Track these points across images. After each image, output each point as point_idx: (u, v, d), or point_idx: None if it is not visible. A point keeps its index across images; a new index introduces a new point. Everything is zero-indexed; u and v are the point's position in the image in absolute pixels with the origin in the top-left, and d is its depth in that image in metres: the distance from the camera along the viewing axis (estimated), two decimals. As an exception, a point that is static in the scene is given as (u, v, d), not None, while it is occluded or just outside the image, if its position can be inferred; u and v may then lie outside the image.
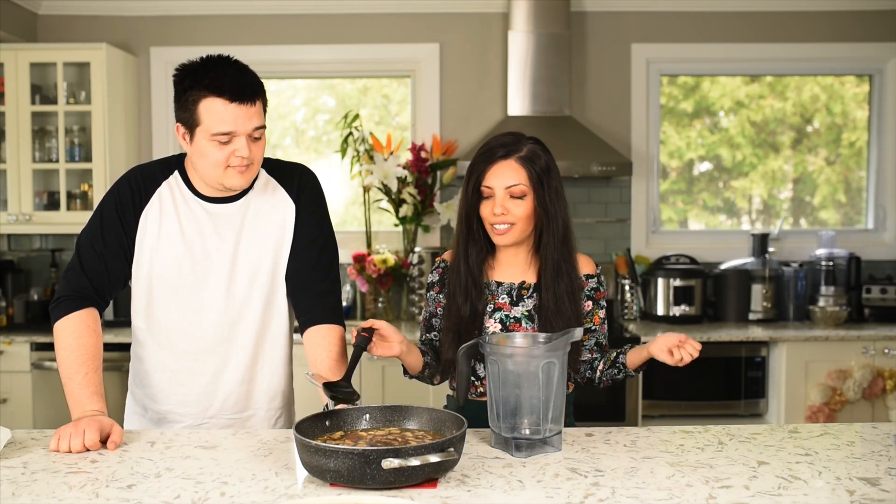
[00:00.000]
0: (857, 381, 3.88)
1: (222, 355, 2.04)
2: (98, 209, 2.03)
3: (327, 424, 1.73)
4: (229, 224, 2.02)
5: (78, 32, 4.44)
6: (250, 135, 1.89)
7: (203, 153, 1.90)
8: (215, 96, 1.85)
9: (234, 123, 1.86)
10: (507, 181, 1.97)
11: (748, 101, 4.66)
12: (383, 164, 4.25)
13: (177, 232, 2.00)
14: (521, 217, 1.98)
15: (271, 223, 2.05)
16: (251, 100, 1.88)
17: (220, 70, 1.88)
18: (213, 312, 2.02)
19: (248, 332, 2.04)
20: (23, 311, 4.28)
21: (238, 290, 2.02)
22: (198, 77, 1.88)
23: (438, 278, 2.13)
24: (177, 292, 2.01)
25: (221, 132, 1.86)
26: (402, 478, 1.50)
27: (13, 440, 1.86)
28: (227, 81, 1.86)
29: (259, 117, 1.90)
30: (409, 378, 2.10)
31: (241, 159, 1.89)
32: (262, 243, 2.04)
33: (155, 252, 2.00)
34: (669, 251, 4.47)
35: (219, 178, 1.93)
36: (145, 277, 2.02)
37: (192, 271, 2.00)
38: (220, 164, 1.90)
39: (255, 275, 2.03)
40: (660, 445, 1.81)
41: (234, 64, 1.92)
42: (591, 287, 2.09)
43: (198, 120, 1.87)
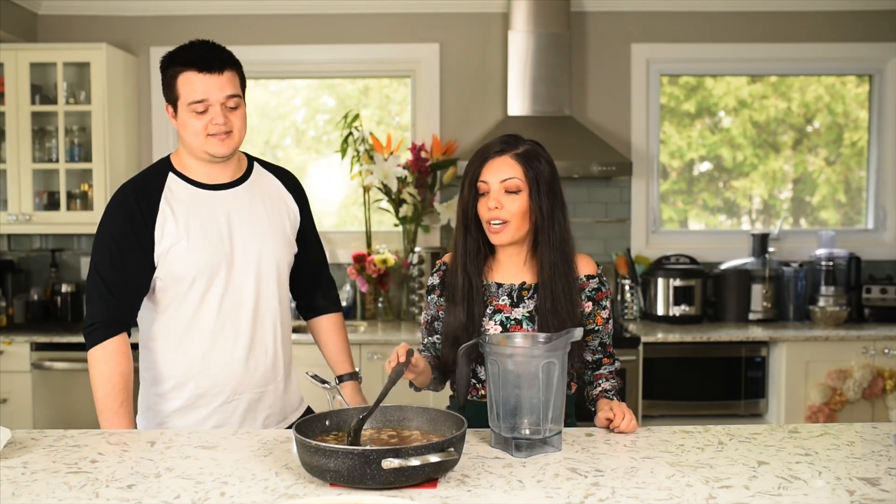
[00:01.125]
0: (857, 381, 3.88)
1: (250, 334, 2.14)
2: (105, 233, 2.08)
3: (327, 424, 1.73)
4: (241, 206, 2.14)
5: (78, 32, 4.44)
6: (224, 103, 2.05)
7: (185, 124, 2.06)
8: (187, 69, 2.03)
9: (206, 92, 2.03)
10: (501, 175, 1.98)
11: (751, 100, 4.66)
12: (383, 164, 4.25)
13: (195, 225, 2.08)
14: (516, 213, 1.98)
15: (279, 207, 2.22)
16: (220, 69, 2.04)
17: (193, 48, 2.07)
18: (246, 292, 2.13)
19: (269, 307, 2.17)
20: (23, 311, 4.28)
21: (263, 266, 2.15)
22: (175, 56, 2.07)
23: (439, 281, 2.13)
24: (212, 279, 2.09)
25: (195, 100, 2.03)
26: (402, 478, 1.50)
27: (13, 440, 1.86)
28: (198, 55, 2.04)
29: (231, 86, 2.05)
30: (416, 391, 2.11)
31: (218, 126, 2.04)
32: (276, 224, 2.19)
33: (180, 250, 2.06)
34: (669, 251, 4.47)
35: (202, 147, 2.07)
36: (177, 277, 2.07)
37: (220, 257, 2.09)
38: (200, 133, 2.05)
39: (273, 252, 2.17)
40: (660, 445, 1.81)
41: (207, 43, 2.10)
42: (592, 288, 2.08)
43: (177, 94, 2.06)
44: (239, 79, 2.10)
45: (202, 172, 2.13)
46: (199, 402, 2.12)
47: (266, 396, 2.19)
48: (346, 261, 4.44)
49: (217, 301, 2.10)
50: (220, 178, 2.15)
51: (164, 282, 2.09)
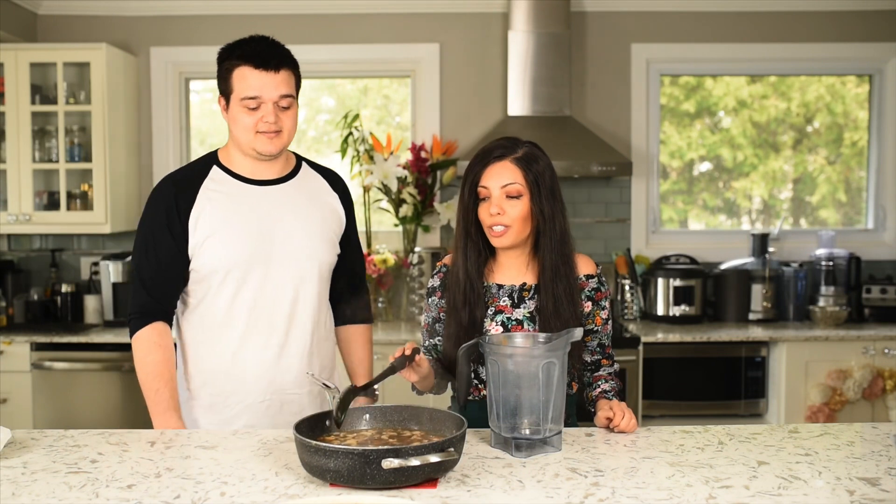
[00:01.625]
0: (857, 381, 3.88)
1: (285, 331, 2.13)
2: (142, 224, 2.12)
3: (327, 424, 1.73)
4: (283, 204, 2.13)
5: (78, 32, 4.44)
6: (276, 102, 2.05)
7: (235, 119, 2.07)
8: (244, 64, 2.03)
9: (260, 89, 2.03)
10: (502, 181, 1.98)
11: (751, 101, 4.66)
12: (383, 164, 4.25)
13: (234, 219, 2.08)
14: (517, 218, 1.98)
15: (323, 208, 2.21)
16: (276, 68, 2.04)
17: (253, 43, 2.07)
18: (282, 288, 2.11)
19: (307, 305, 2.15)
20: (23, 311, 4.28)
21: (303, 264, 2.13)
22: (233, 50, 2.07)
23: (440, 283, 2.13)
24: (248, 274, 2.08)
25: (248, 97, 2.03)
26: (402, 478, 1.50)
27: (13, 440, 1.86)
28: (258, 51, 2.04)
29: (286, 86, 2.06)
30: (419, 395, 2.11)
31: (268, 125, 2.05)
32: (317, 224, 2.18)
33: (216, 242, 2.07)
34: (669, 251, 4.47)
35: (250, 143, 2.07)
36: (211, 269, 2.08)
37: (257, 253, 2.08)
38: (250, 129, 2.05)
39: (314, 251, 2.15)
40: (660, 445, 1.81)
41: (267, 39, 2.09)
42: (592, 288, 2.09)
43: (231, 87, 2.06)
44: (295, 79, 2.10)
45: (248, 167, 2.13)
46: (229, 400, 2.11)
47: (300, 400, 2.16)
48: (346, 261, 4.44)
49: (251, 297, 2.09)
50: (265, 174, 2.15)
51: (198, 274, 2.09)
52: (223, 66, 2.08)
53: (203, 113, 4.73)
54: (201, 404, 2.14)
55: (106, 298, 4.18)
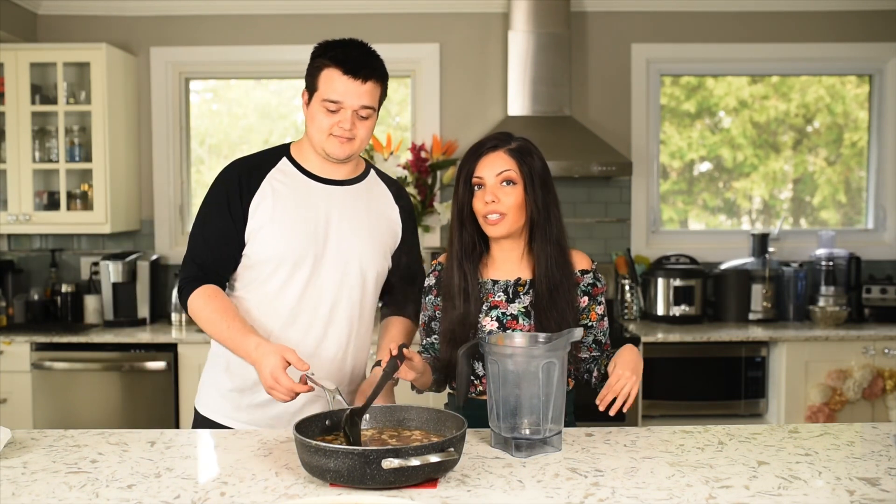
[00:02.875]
0: (857, 381, 3.88)
1: (323, 330, 2.12)
2: (206, 200, 2.13)
3: (327, 424, 1.72)
4: (344, 204, 2.13)
5: (78, 32, 4.44)
6: (356, 111, 2.04)
7: (313, 117, 2.07)
8: (334, 67, 2.03)
9: (344, 94, 2.02)
10: (496, 169, 2.01)
11: (752, 101, 4.66)
12: (383, 164, 4.25)
13: (293, 211, 2.08)
14: (512, 206, 2.00)
15: (382, 215, 2.21)
16: (364, 78, 2.03)
17: (348, 47, 2.07)
18: (327, 288, 2.11)
19: (348, 309, 2.14)
20: (23, 311, 4.28)
21: (350, 268, 2.12)
22: (328, 49, 2.07)
23: (435, 281, 2.14)
24: (297, 268, 2.08)
25: (330, 99, 2.03)
26: (402, 478, 1.50)
27: (13, 440, 1.86)
28: (350, 57, 2.04)
29: (370, 97, 2.05)
30: (418, 393, 2.11)
31: (343, 130, 2.05)
32: (375, 230, 2.17)
33: (274, 231, 2.07)
34: (669, 251, 4.47)
35: (321, 144, 2.08)
36: (261, 258, 2.08)
37: (309, 249, 2.08)
38: (325, 131, 2.06)
39: (364, 258, 2.14)
40: (660, 445, 1.81)
41: (363, 46, 2.09)
42: (587, 283, 2.09)
43: (317, 85, 2.06)
44: (381, 91, 2.09)
45: (317, 165, 2.14)
46: (257, 387, 2.09)
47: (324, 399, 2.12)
48: (346, 261, 4.44)
49: (298, 292, 2.09)
50: (333, 175, 2.15)
51: (249, 259, 2.09)
52: (314, 63, 2.08)
53: (203, 113, 4.73)
54: (229, 386, 2.14)
55: (106, 298, 4.18)
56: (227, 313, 2.03)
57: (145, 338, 3.91)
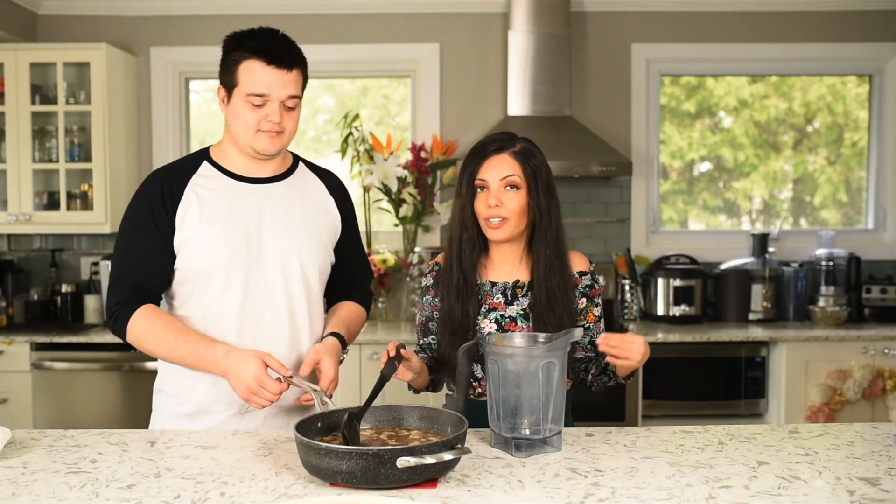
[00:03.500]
0: (857, 381, 3.88)
1: (272, 335, 2.03)
2: (127, 218, 2.02)
3: (319, 426, 1.70)
4: (275, 203, 2.04)
5: (78, 32, 4.44)
6: (283, 102, 1.95)
7: (237, 114, 1.97)
8: (255, 58, 1.93)
9: (269, 87, 1.93)
10: (501, 173, 1.99)
11: (752, 100, 4.66)
12: (383, 164, 4.25)
13: (221, 217, 1.99)
14: (515, 211, 1.99)
15: (317, 209, 2.11)
16: (289, 66, 1.95)
17: (265, 36, 1.98)
18: (270, 292, 2.02)
19: (295, 310, 2.05)
20: (23, 311, 4.28)
21: (291, 268, 2.04)
22: (244, 40, 1.97)
23: (433, 282, 2.13)
24: (233, 274, 1.98)
25: (255, 93, 1.93)
26: (414, 476, 1.50)
27: (13, 440, 1.86)
28: (270, 46, 1.95)
29: (294, 86, 1.97)
30: (415, 393, 2.11)
31: (272, 124, 1.96)
32: (311, 225, 2.08)
33: (202, 240, 1.98)
34: (669, 251, 4.47)
35: (249, 141, 1.98)
36: (195, 269, 1.99)
37: (243, 253, 1.99)
38: (252, 127, 1.96)
39: (304, 255, 2.05)
40: (660, 445, 1.81)
41: (279, 34, 2.01)
42: (585, 284, 2.09)
43: (236, 80, 1.95)
44: (303, 79, 2.01)
45: (241, 164, 2.04)
46: (212, 407, 2.01)
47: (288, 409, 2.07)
48: (346, 261, 4.44)
49: (238, 300, 1.99)
50: (259, 172, 2.05)
51: (182, 273, 2.00)
52: (230, 57, 1.97)
53: (203, 113, 4.73)
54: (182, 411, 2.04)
55: (106, 298, 4.17)
56: (180, 328, 1.95)
57: (145, 338, 3.90)
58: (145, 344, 1.98)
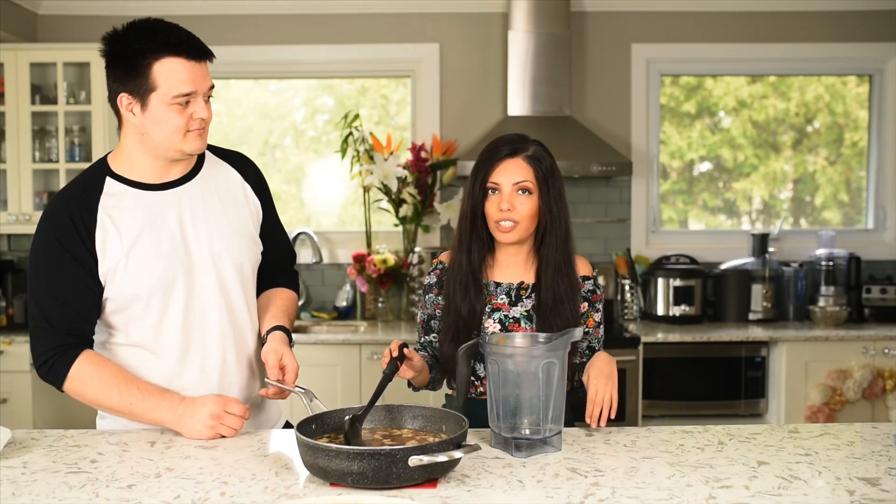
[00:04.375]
0: (857, 381, 3.88)
1: (221, 345, 1.94)
2: (39, 256, 1.84)
3: (314, 428, 1.68)
4: (193, 205, 1.91)
5: (78, 32, 4.44)
6: (205, 94, 1.83)
7: (160, 120, 1.80)
8: (172, 56, 1.77)
9: (194, 83, 1.79)
10: (514, 178, 2.00)
11: (751, 100, 4.66)
12: (383, 164, 4.25)
13: (142, 235, 1.85)
14: (526, 215, 2.00)
15: (237, 200, 1.98)
16: (207, 56, 1.82)
17: (168, 30, 1.80)
18: (209, 300, 1.91)
19: (237, 312, 1.96)
20: (23, 312, 4.28)
21: (225, 269, 1.92)
22: (146, 39, 1.78)
23: (436, 280, 2.13)
24: (165, 294, 1.87)
25: (182, 93, 1.78)
26: (424, 475, 1.51)
27: (13, 440, 1.86)
28: (182, 39, 1.79)
29: (209, 76, 1.85)
30: (415, 391, 2.11)
31: (200, 121, 1.83)
32: (235, 220, 1.96)
33: (129, 265, 1.84)
34: (669, 251, 4.47)
35: (177, 146, 1.83)
36: (128, 296, 1.85)
37: (177, 267, 1.87)
38: (181, 130, 1.81)
39: (234, 252, 1.95)
40: (660, 445, 1.81)
41: (177, 25, 1.84)
42: (588, 289, 2.10)
43: (153, 84, 1.78)
44: None
45: (148, 171, 1.87)
46: None
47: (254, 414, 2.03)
48: (346, 261, 4.44)
49: (179, 318, 1.88)
50: (169, 176, 1.89)
51: (114, 303, 1.86)
52: (137, 61, 1.77)
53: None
54: None
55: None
56: (130, 378, 1.84)
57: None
58: (88, 392, 1.84)
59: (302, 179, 4.70)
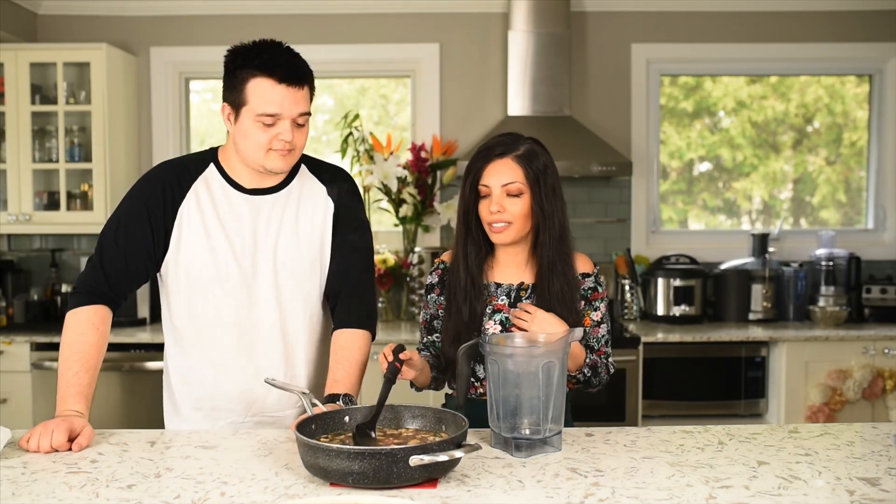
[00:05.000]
0: (857, 381, 3.88)
1: (265, 350, 2.02)
2: (124, 204, 1.99)
3: (314, 428, 1.69)
4: (271, 215, 2.01)
5: (78, 32, 4.44)
6: (294, 120, 1.90)
7: (246, 134, 1.91)
8: (265, 76, 1.86)
9: (281, 105, 1.87)
10: (503, 179, 1.98)
11: (750, 101, 4.66)
12: (383, 164, 4.25)
13: (218, 226, 1.97)
14: (518, 216, 1.99)
15: (314, 217, 2.05)
16: (300, 83, 1.89)
17: (272, 52, 1.90)
18: (265, 309, 2.00)
19: (292, 326, 2.03)
20: (23, 311, 4.28)
21: (284, 286, 2.01)
22: (250, 57, 1.88)
23: (438, 280, 2.13)
24: (223, 288, 1.97)
25: (267, 113, 1.87)
26: (424, 474, 1.51)
27: (13, 440, 1.86)
28: (279, 63, 1.87)
29: (305, 103, 1.91)
30: (417, 391, 2.10)
31: (284, 143, 1.90)
32: (305, 236, 2.03)
33: (197, 248, 1.96)
34: (669, 251, 4.47)
35: (260, 161, 1.93)
36: (187, 275, 1.98)
37: (238, 266, 1.97)
38: (263, 147, 1.91)
39: (299, 269, 2.02)
40: (660, 445, 1.81)
41: (287, 49, 1.93)
42: (587, 287, 2.08)
43: (245, 99, 1.88)
44: (311, 93, 1.95)
45: (247, 177, 2.00)
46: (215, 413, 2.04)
47: (284, 422, 2.07)
48: (346, 261, 4.43)
49: (233, 313, 1.98)
50: (262, 184, 2.01)
51: (177, 283, 1.99)
52: (237, 75, 1.88)
53: (203, 113, 4.73)
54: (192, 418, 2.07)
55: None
56: (88, 362, 1.91)
57: (145, 338, 3.91)
58: (64, 336, 1.96)
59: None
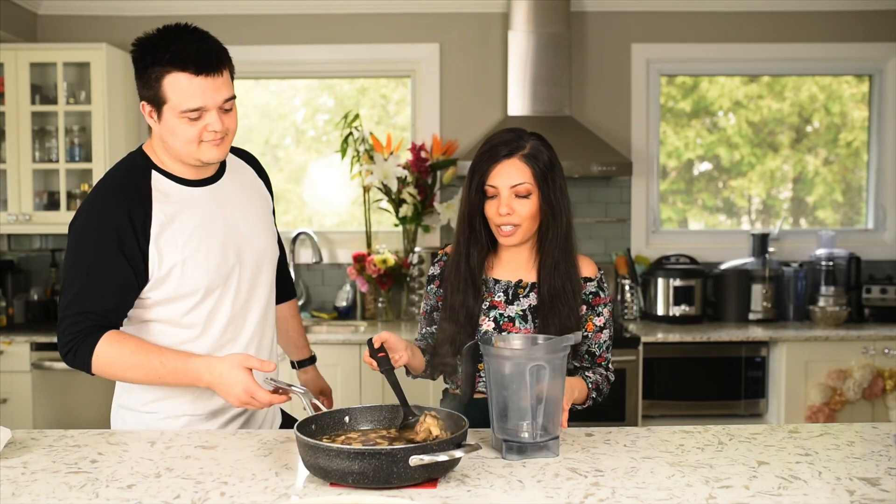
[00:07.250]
0: (857, 381, 3.88)
1: (256, 339, 2.01)
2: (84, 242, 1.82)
3: (313, 429, 1.69)
4: (228, 199, 1.95)
5: (78, 32, 4.44)
6: (221, 107, 1.81)
7: (174, 131, 1.80)
8: (179, 71, 1.75)
9: (203, 98, 1.77)
10: (511, 180, 1.95)
11: (746, 101, 4.66)
12: (383, 164, 4.25)
13: (198, 232, 1.87)
14: (527, 217, 1.96)
15: (260, 198, 2.06)
16: (217, 70, 1.78)
17: (180, 41, 1.78)
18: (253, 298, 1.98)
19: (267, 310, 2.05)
20: (23, 311, 4.28)
21: (263, 267, 2.00)
22: (158, 52, 1.76)
23: (440, 271, 2.12)
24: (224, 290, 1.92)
25: (190, 108, 1.76)
26: (425, 474, 1.51)
27: (13, 440, 1.86)
28: (190, 52, 1.76)
29: (228, 88, 1.82)
30: (413, 378, 2.10)
31: (215, 133, 1.81)
32: (263, 216, 2.04)
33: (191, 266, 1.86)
34: (669, 251, 4.47)
35: (194, 154, 1.83)
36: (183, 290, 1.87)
37: (231, 262, 1.92)
38: (194, 140, 1.81)
39: (265, 248, 2.01)
40: (660, 445, 1.81)
41: (195, 32, 1.82)
42: (589, 291, 2.06)
43: (164, 97, 1.77)
44: (231, 74, 1.85)
45: (188, 169, 1.89)
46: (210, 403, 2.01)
47: None
48: (346, 261, 4.44)
49: (227, 310, 1.93)
50: (205, 173, 1.92)
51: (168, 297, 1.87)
52: (149, 72, 1.76)
53: (203, 113, 4.72)
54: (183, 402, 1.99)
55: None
56: (151, 348, 1.81)
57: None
58: (116, 371, 1.82)
59: (302, 179, 4.70)
